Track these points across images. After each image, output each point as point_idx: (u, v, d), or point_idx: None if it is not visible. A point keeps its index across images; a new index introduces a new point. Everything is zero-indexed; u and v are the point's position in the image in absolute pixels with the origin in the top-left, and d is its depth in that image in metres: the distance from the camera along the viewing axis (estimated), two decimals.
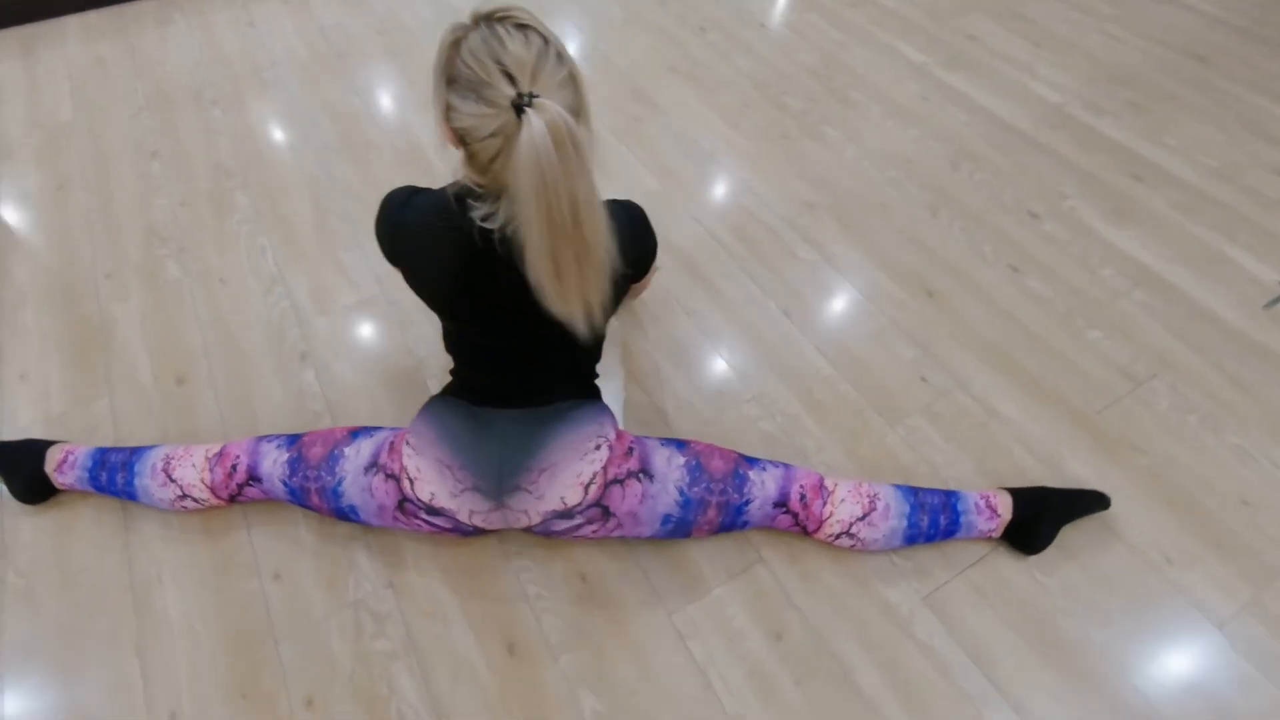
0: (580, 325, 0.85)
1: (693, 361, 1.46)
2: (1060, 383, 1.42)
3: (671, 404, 1.39)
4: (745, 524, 1.12)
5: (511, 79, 0.75)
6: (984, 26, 2.34)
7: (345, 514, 1.11)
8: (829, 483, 1.14)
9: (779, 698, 1.05)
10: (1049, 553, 1.19)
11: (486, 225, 0.85)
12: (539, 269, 0.79)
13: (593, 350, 1.12)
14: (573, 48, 2.26)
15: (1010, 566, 1.18)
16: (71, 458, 1.21)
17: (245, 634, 1.12)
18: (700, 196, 1.80)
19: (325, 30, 2.34)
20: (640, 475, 1.04)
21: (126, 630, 1.12)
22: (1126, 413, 1.38)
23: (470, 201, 0.86)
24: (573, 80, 0.80)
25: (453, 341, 1.07)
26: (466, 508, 1.00)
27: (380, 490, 1.05)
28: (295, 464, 1.11)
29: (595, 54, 2.25)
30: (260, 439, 1.17)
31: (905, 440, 1.34)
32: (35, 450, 1.21)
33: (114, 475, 1.18)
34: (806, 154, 1.91)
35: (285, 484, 1.12)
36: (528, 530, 1.08)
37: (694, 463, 1.08)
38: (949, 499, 1.16)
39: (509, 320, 0.96)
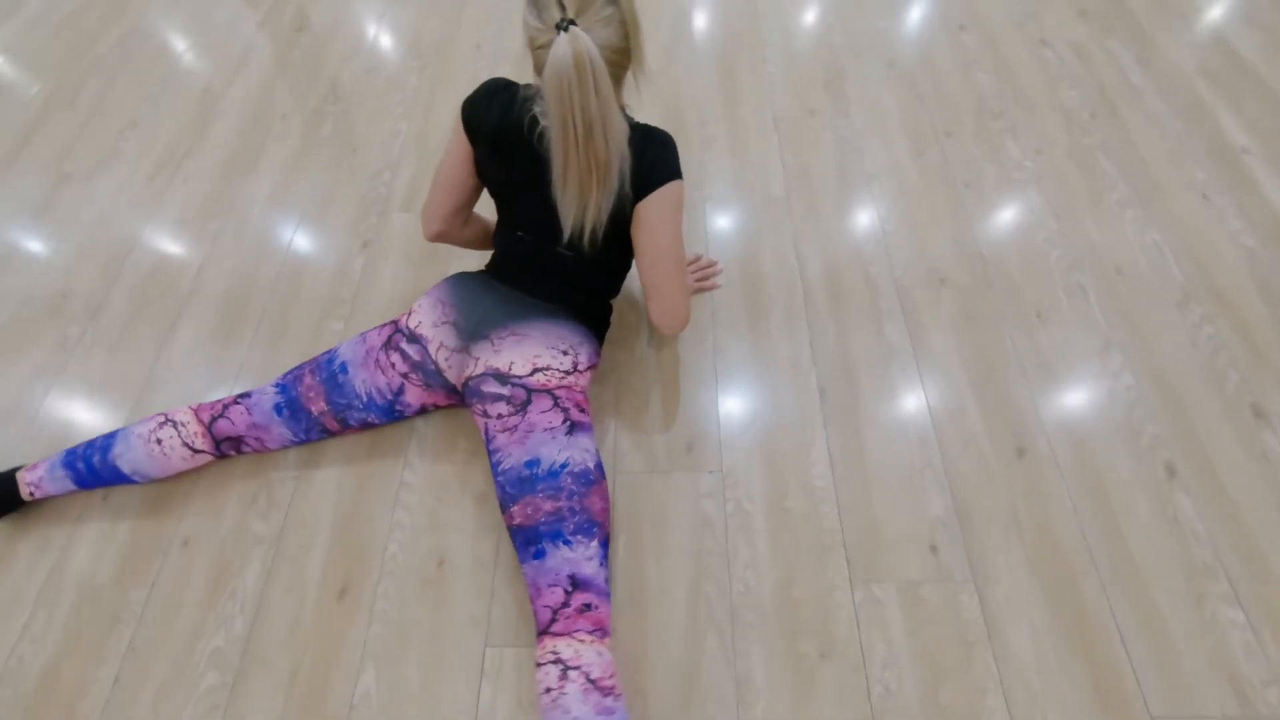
0: (568, 226, 1.01)
1: (686, 400, 1.28)
2: (1127, 652, 1.00)
3: (628, 434, 1.24)
4: (540, 555, 0.99)
5: (561, 5, 0.89)
6: None
7: (334, 378, 1.15)
8: (609, 645, 0.95)
9: None
10: None
11: (540, 122, 1.01)
12: (554, 161, 0.96)
13: (606, 276, 1.17)
14: (812, 12, 1.99)
15: None
16: (46, 460, 1.18)
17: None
18: (819, 222, 1.51)
19: None
20: (567, 420, 1.07)
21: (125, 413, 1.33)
22: None
23: (536, 100, 1.01)
24: (620, 24, 0.93)
25: (497, 235, 1.19)
26: (439, 339, 1.12)
27: (374, 334, 1.18)
28: (293, 369, 1.20)
29: (820, 24, 1.95)
30: None
31: (856, 609, 1.05)
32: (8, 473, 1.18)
33: (91, 445, 1.15)
34: (983, 217, 1.50)
35: (277, 385, 1.17)
36: (463, 387, 1.12)
37: (589, 475, 1.05)
38: None
39: (538, 215, 1.07)
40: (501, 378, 1.08)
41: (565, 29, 0.85)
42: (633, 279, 1.44)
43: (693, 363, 1.32)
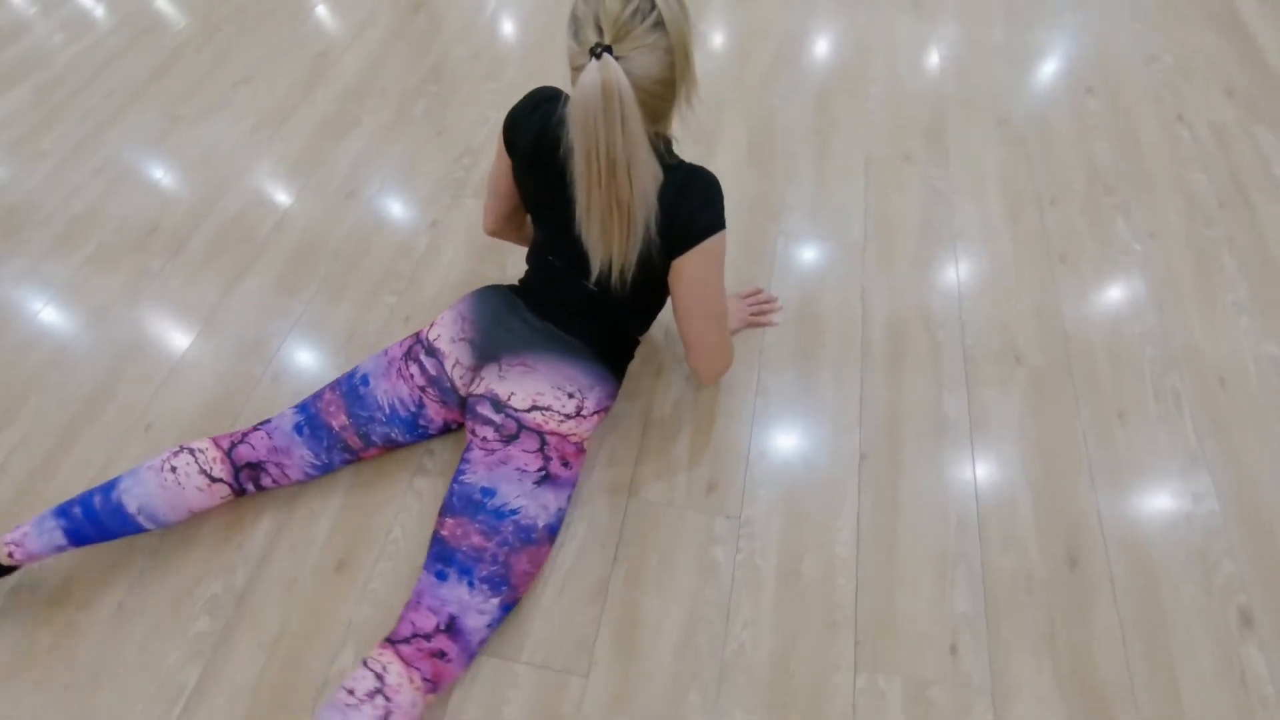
0: (596, 265, 0.94)
1: (718, 438, 1.22)
2: None
3: (651, 461, 1.20)
4: (441, 577, 0.97)
5: (599, 29, 0.81)
6: None
7: (355, 390, 1.13)
8: (430, 701, 0.94)
9: None
10: None
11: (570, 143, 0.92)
12: (578, 196, 0.90)
13: (635, 316, 1.12)
14: (930, 55, 1.90)
15: None
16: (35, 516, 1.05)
17: (219, 407, 1.30)
18: (892, 275, 1.43)
19: None
20: (546, 468, 1.03)
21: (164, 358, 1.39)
22: None
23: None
24: (666, 52, 0.83)
25: (531, 251, 1.15)
26: (455, 355, 1.09)
27: (396, 346, 1.16)
28: (314, 392, 1.18)
29: (935, 68, 1.86)
30: None
31: (855, 695, 0.97)
32: None
33: (91, 490, 1.04)
34: (1075, 296, 1.38)
35: (297, 406, 1.14)
36: (465, 400, 1.10)
37: (531, 534, 1.00)
38: None
39: (569, 243, 1.00)
40: (498, 405, 1.04)
41: (598, 55, 0.78)
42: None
43: (732, 399, 1.27)
